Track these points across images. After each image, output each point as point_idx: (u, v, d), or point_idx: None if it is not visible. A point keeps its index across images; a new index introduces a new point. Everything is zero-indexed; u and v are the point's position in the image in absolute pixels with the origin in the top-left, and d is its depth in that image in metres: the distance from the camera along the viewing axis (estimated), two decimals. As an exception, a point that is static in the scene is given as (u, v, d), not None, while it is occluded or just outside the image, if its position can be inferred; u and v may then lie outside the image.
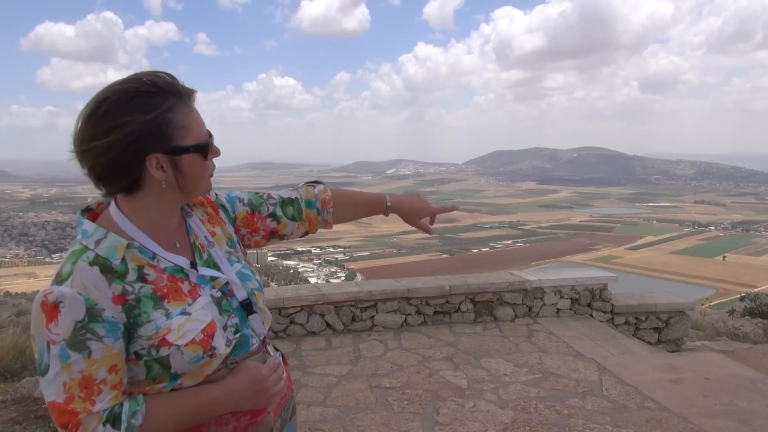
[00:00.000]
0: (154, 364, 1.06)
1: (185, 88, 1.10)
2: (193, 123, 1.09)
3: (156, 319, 1.05)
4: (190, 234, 1.21)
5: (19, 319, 7.68)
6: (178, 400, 1.09)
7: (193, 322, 1.08)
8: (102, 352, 1.00)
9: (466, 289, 5.31)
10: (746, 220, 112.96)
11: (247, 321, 1.21)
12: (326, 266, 78.41)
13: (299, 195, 1.42)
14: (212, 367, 1.11)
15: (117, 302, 1.02)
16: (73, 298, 0.98)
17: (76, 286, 0.99)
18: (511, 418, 3.40)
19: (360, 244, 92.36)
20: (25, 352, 4.94)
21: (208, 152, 1.12)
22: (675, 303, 5.48)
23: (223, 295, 1.18)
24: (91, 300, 0.99)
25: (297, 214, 1.40)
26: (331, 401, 3.67)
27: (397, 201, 1.52)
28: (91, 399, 0.99)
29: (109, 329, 1.01)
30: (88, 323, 0.99)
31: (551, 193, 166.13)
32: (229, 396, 1.13)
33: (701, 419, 3.35)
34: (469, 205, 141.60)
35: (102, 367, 1.00)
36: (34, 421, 3.69)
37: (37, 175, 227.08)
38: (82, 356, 0.98)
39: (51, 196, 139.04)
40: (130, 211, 1.11)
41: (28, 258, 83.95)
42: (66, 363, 0.98)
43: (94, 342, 0.99)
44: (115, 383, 1.02)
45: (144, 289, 1.06)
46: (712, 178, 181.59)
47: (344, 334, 5.03)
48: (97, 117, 1.02)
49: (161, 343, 1.04)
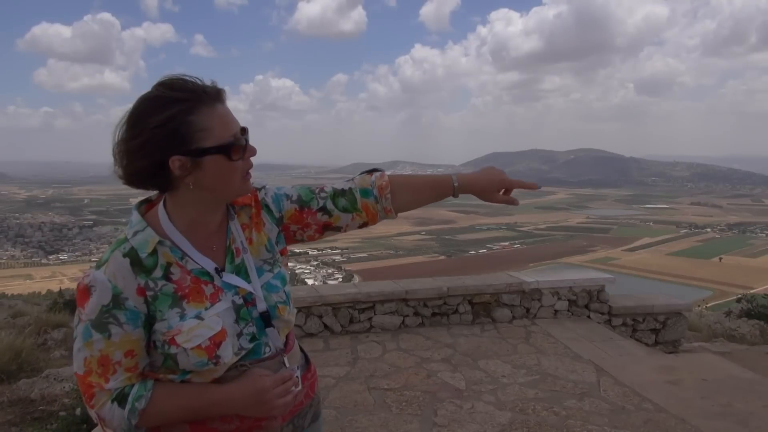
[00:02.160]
0: (166, 357, 1.13)
1: (211, 89, 1.12)
2: (215, 124, 1.11)
3: (169, 318, 1.12)
4: (228, 236, 1.23)
5: (15, 321, 7.65)
6: (182, 394, 1.15)
7: (203, 328, 1.12)
8: (120, 337, 1.09)
9: (464, 290, 5.31)
10: (742, 221, 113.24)
11: (263, 331, 1.22)
12: (324, 268, 78.31)
13: (354, 185, 1.34)
14: (218, 373, 1.16)
15: (140, 294, 1.11)
16: (103, 284, 1.08)
17: (108, 273, 1.09)
18: (509, 419, 3.40)
19: (357, 246, 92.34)
20: (21, 354, 4.92)
21: (231, 152, 1.12)
22: (672, 304, 5.50)
23: (244, 303, 1.20)
24: (117, 288, 1.09)
25: (350, 205, 1.33)
26: (330, 403, 3.66)
27: (465, 180, 1.36)
28: (105, 376, 1.10)
29: (129, 317, 1.10)
30: (112, 308, 1.08)
31: (548, 194, 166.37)
32: (229, 401, 1.16)
33: (699, 420, 3.36)
34: (466, 206, 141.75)
35: (119, 350, 1.10)
36: (30, 423, 3.67)
37: (33, 176, 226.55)
38: (102, 337, 1.08)
39: (47, 197, 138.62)
40: (172, 208, 1.17)
41: (24, 259, 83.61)
42: (88, 341, 1.09)
43: (114, 326, 1.09)
44: (130, 366, 1.11)
45: (166, 288, 1.13)
46: (708, 179, 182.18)
47: (342, 335, 5.03)
48: (124, 126, 1.11)
49: (171, 341, 1.11)
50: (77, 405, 3.78)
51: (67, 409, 3.84)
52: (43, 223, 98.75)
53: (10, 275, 71.32)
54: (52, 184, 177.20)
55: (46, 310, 9.08)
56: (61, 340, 6.35)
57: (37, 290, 25.61)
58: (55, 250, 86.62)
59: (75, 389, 4.28)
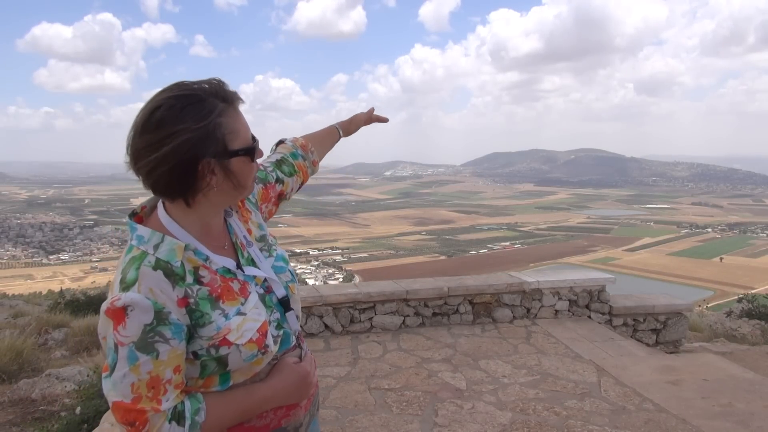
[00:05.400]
0: (210, 363, 1.10)
1: (233, 93, 1.14)
2: (240, 127, 1.13)
3: (216, 320, 1.10)
4: (231, 234, 1.25)
5: (16, 321, 7.66)
6: (233, 398, 1.14)
7: (250, 321, 1.13)
8: (168, 354, 1.04)
9: (465, 290, 5.31)
10: (743, 221, 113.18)
11: (285, 317, 1.26)
12: (324, 268, 78.33)
13: (284, 153, 1.55)
14: (262, 365, 1.16)
15: (181, 305, 1.06)
16: (142, 302, 1.02)
17: (143, 291, 1.03)
18: (510, 419, 3.40)
19: (358, 246, 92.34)
20: (22, 354, 4.93)
21: (254, 154, 1.16)
22: (673, 304, 5.49)
23: (264, 292, 1.23)
24: (158, 304, 1.03)
25: (291, 169, 1.53)
26: (330, 403, 3.66)
27: (344, 126, 1.75)
28: (158, 398, 1.04)
29: (175, 331, 1.05)
30: (157, 326, 1.03)
31: (549, 194, 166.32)
32: (276, 393, 1.19)
33: (699, 420, 3.36)
34: (467, 206, 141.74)
35: (168, 368, 1.05)
36: (31, 423, 3.68)
37: (34, 176, 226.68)
38: (150, 358, 1.02)
39: (48, 197, 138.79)
40: (178, 214, 1.14)
41: (25, 259, 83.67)
42: (135, 364, 1.02)
43: (161, 344, 1.03)
44: (179, 383, 1.07)
45: (201, 291, 1.10)
46: (709, 179, 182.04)
47: (343, 335, 5.03)
48: (151, 127, 1.05)
49: (222, 342, 1.09)
50: (78, 405, 3.79)
51: (67, 409, 3.85)
52: (44, 223, 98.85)
53: (11, 275, 71.36)
54: (53, 184, 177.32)
55: (47, 310, 9.09)
56: (62, 340, 6.35)
57: (38, 290, 25.62)
58: (55, 250, 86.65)
59: (76, 389, 4.28)
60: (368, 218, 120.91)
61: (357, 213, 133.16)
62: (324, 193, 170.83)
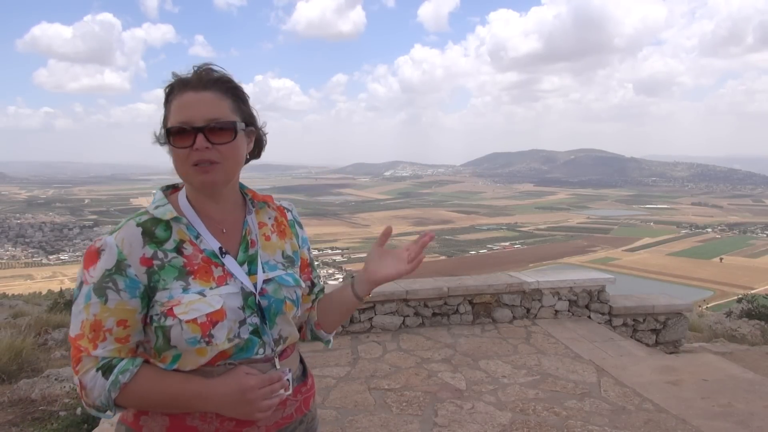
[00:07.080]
0: (159, 333, 1.12)
1: (193, 76, 1.16)
2: (173, 110, 1.16)
3: (172, 289, 1.12)
4: (244, 228, 1.26)
5: (16, 320, 7.65)
6: (166, 379, 1.13)
7: (202, 303, 1.11)
8: (116, 304, 1.10)
9: (464, 290, 5.31)
10: (743, 221, 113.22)
11: (264, 328, 1.20)
12: (324, 268, 78.33)
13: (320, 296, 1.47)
14: (207, 357, 1.12)
15: (143, 264, 1.12)
16: (111, 248, 1.11)
17: (117, 239, 1.12)
18: (510, 419, 3.40)
19: (358, 246, 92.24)
20: (22, 354, 4.92)
21: (170, 138, 1.16)
22: (672, 305, 5.50)
23: (253, 293, 1.20)
24: (122, 254, 1.10)
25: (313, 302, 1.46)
26: (330, 403, 3.66)
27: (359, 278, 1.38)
28: (95, 342, 1.09)
29: (129, 285, 1.10)
30: (114, 273, 1.10)
31: (548, 195, 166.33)
32: (210, 395, 1.12)
33: (699, 421, 3.36)
34: (467, 206, 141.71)
35: (112, 317, 1.10)
36: (31, 423, 3.68)
37: (33, 176, 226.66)
38: (99, 301, 1.09)
39: (48, 197, 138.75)
40: (188, 189, 1.23)
41: (25, 259, 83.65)
42: (87, 303, 1.10)
43: (112, 292, 1.09)
44: (121, 337, 1.11)
45: (175, 260, 1.14)
46: (708, 180, 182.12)
47: (342, 335, 5.03)
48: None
49: (168, 312, 1.10)
50: (78, 405, 3.79)
51: (67, 409, 3.85)
52: (44, 223, 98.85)
53: (11, 275, 71.35)
54: (53, 184, 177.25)
55: (47, 310, 9.09)
56: (62, 341, 6.35)
57: (37, 290, 25.62)
58: (55, 250, 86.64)
59: (76, 389, 4.27)
60: (368, 218, 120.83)
61: (357, 213, 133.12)
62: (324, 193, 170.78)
